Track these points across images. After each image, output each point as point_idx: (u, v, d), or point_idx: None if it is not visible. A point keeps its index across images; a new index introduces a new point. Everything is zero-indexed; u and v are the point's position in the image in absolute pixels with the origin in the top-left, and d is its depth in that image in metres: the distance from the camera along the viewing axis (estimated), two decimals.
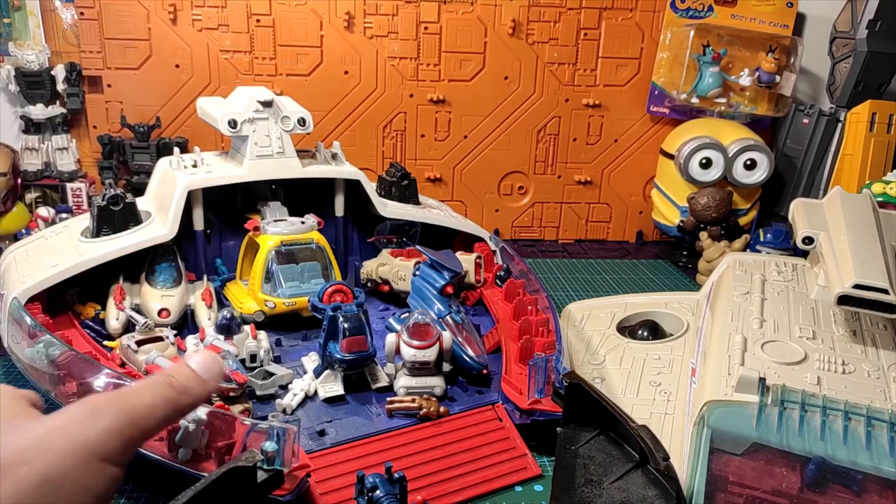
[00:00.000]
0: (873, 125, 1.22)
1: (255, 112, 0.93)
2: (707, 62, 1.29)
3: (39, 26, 1.23)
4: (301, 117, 0.95)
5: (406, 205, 1.05)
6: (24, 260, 0.88)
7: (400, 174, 1.06)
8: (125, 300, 0.87)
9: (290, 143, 0.95)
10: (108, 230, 0.87)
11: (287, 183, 1.00)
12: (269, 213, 0.97)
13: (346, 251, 1.06)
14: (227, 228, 1.00)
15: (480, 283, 0.98)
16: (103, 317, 0.87)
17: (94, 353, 0.78)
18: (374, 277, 1.00)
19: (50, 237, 0.92)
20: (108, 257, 0.84)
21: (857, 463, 0.56)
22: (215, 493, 0.48)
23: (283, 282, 0.90)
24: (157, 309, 0.86)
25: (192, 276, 0.95)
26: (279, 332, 0.89)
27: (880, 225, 0.85)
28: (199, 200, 0.93)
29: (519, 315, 0.87)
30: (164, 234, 0.87)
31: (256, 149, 0.92)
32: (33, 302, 0.80)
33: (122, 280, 0.90)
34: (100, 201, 0.87)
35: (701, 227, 1.24)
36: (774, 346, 0.72)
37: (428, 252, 0.89)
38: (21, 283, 0.81)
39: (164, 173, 0.95)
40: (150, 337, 0.79)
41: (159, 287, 0.88)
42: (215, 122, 0.93)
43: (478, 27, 1.30)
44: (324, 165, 0.98)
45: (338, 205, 1.03)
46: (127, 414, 0.38)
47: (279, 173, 0.94)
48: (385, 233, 1.05)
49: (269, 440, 0.54)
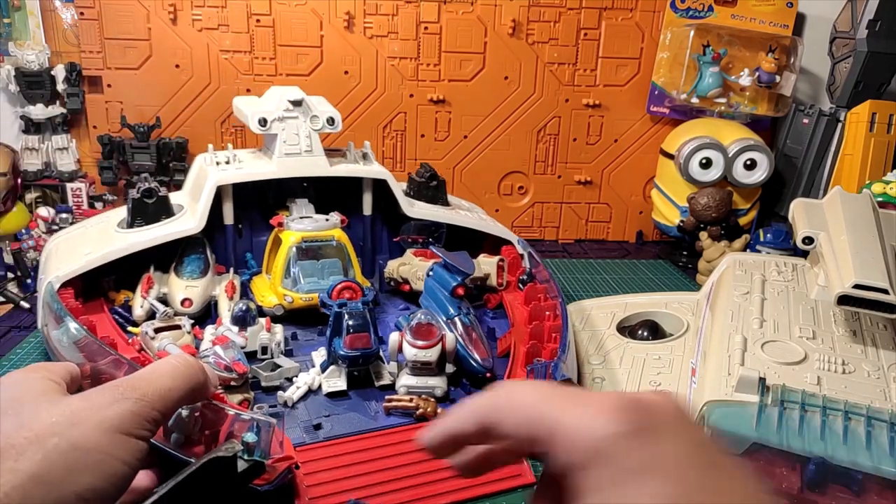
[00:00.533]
0: (873, 125, 1.22)
1: (285, 111, 0.95)
2: (707, 62, 1.29)
3: (39, 26, 1.23)
4: (330, 116, 0.97)
5: (433, 205, 1.05)
6: (64, 248, 0.94)
7: (429, 175, 1.06)
8: (152, 289, 0.90)
9: (318, 141, 0.96)
10: (142, 221, 0.92)
11: (317, 181, 1.01)
12: (296, 209, 0.98)
13: (373, 250, 1.07)
14: (259, 224, 1.03)
15: (502, 287, 0.98)
16: (132, 304, 0.90)
17: (113, 338, 0.80)
18: (396, 277, 1.00)
19: (90, 227, 0.98)
20: (136, 247, 0.88)
21: (857, 463, 0.56)
22: (198, 481, 0.49)
23: (301, 277, 0.92)
24: (180, 298, 0.89)
25: (222, 269, 0.98)
26: (297, 327, 0.91)
27: (880, 225, 0.85)
28: (229, 195, 0.96)
29: (533, 320, 0.86)
30: (192, 226, 0.91)
31: (285, 147, 0.94)
32: (67, 287, 0.84)
33: (152, 270, 0.93)
34: (134, 194, 0.92)
35: (701, 227, 1.23)
36: (774, 346, 0.72)
37: (442, 253, 0.90)
38: (57, 269, 0.86)
39: (200, 169, 0.98)
40: (169, 325, 0.82)
41: (185, 278, 0.91)
42: (247, 120, 0.95)
43: (478, 27, 1.30)
44: (352, 164, 0.99)
45: (366, 203, 1.04)
46: (148, 400, 0.42)
47: (306, 171, 0.95)
48: (409, 233, 1.05)
49: (250, 431, 0.55)
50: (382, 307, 1.00)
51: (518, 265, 1.03)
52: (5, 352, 0.89)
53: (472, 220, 1.05)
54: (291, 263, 0.92)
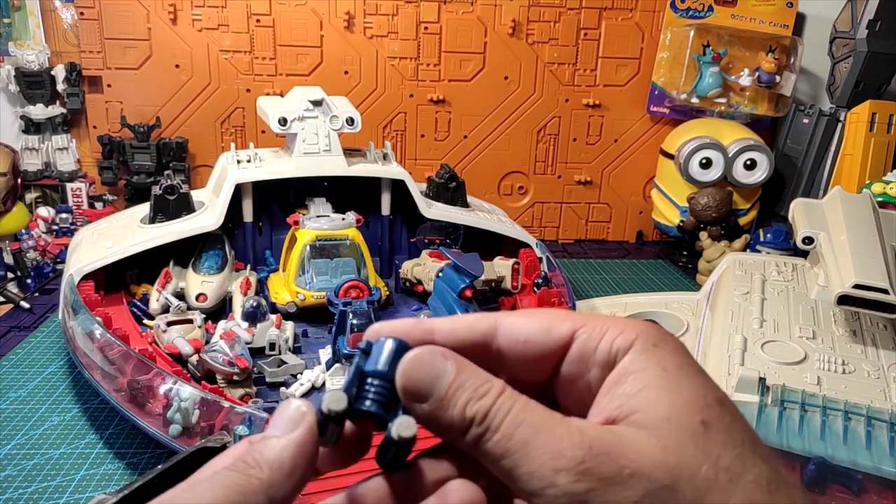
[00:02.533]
0: (873, 125, 1.22)
1: (306, 111, 0.96)
2: (707, 62, 1.29)
3: (39, 26, 1.23)
4: (350, 117, 0.97)
5: (452, 207, 1.05)
6: (88, 241, 0.95)
7: (448, 176, 1.06)
8: (169, 283, 0.91)
9: (337, 141, 0.97)
10: (163, 217, 0.94)
11: (337, 180, 1.02)
12: (314, 208, 0.99)
13: (391, 250, 1.07)
14: (279, 222, 1.04)
15: (517, 290, 0.98)
16: (150, 297, 0.92)
17: (127, 330, 0.80)
18: (410, 277, 1.00)
19: (115, 222, 1.01)
20: (155, 242, 0.90)
21: (857, 463, 0.56)
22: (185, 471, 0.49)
23: (314, 275, 0.93)
24: (195, 293, 0.90)
25: (241, 266, 1.00)
26: (309, 324, 0.91)
27: (880, 225, 0.85)
28: (248, 194, 0.98)
29: None
30: (210, 223, 0.93)
31: (304, 146, 0.95)
32: (88, 280, 0.85)
33: (171, 265, 0.95)
34: (157, 191, 0.93)
35: (701, 227, 1.23)
36: (774, 346, 0.72)
37: (451, 254, 0.90)
38: (79, 262, 0.88)
39: (222, 167, 1.00)
40: (181, 319, 0.84)
41: (202, 273, 0.93)
42: (268, 120, 0.97)
43: (478, 27, 1.30)
44: (371, 164, 1.00)
45: (384, 204, 1.05)
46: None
47: (325, 171, 0.96)
48: (426, 234, 1.06)
49: (242, 424, 0.55)
50: (396, 307, 1.00)
51: (536, 268, 1.02)
52: (5, 352, 0.89)
53: (490, 222, 1.05)
54: (305, 261, 0.93)
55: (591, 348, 0.26)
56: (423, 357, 0.25)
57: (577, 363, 0.27)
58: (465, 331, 0.27)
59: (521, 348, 0.27)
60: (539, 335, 0.27)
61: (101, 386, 0.68)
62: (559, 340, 0.27)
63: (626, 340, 0.26)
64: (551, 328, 0.27)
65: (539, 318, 0.28)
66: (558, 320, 0.27)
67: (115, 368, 0.68)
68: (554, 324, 0.27)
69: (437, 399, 0.25)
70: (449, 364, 0.25)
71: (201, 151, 1.30)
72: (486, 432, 0.24)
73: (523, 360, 0.27)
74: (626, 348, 0.26)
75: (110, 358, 0.69)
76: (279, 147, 1.05)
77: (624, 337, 0.26)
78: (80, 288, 0.82)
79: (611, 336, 0.26)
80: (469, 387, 0.25)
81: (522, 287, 0.99)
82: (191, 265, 0.94)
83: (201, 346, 0.76)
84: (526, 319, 0.28)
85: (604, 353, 0.26)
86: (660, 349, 0.25)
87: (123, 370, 0.67)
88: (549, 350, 0.27)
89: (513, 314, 0.28)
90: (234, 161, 0.98)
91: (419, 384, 0.25)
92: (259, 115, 1.05)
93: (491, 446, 0.24)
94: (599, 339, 0.26)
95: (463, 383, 0.25)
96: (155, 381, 0.64)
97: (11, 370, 0.84)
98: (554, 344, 0.27)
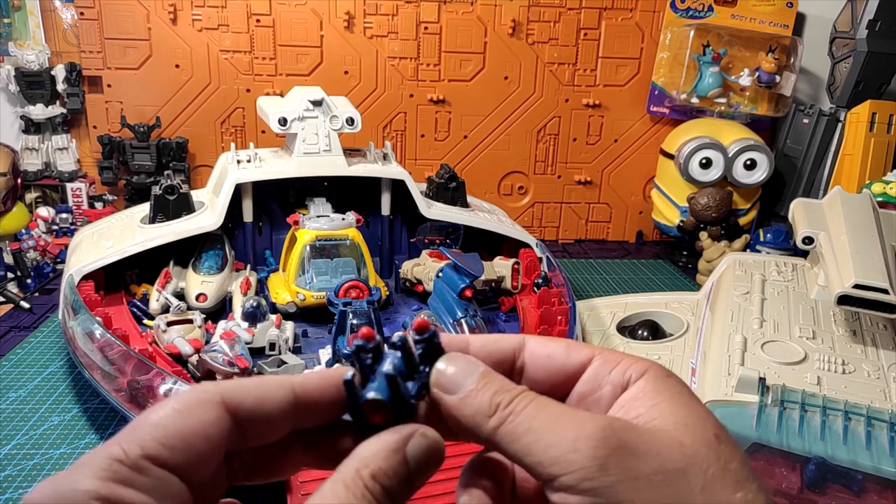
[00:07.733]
0: (873, 125, 1.22)
1: (306, 111, 0.96)
2: (707, 62, 1.29)
3: (39, 26, 1.23)
4: (349, 117, 0.97)
5: (452, 207, 1.05)
6: (88, 241, 0.95)
7: (448, 176, 1.06)
8: (169, 283, 0.91)
9: (337, 141, 0.97)
10: (163, 217, 0.94)
11: (337, 180, 1.02)
12: (314, 208, 0.99)
13: (391, 250, 1.07)
14: (279, 222, 1.04)
15: (517, 290, 0.98)
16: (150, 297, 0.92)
17: (126, 330, 0.80)
18: (410, 277, 1.00)
19: (115, 222, 1.00)
20: (155, 242, 0.90)
21: (857, 463, 0.56)
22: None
23: (314, 275, 0.92)
24: (195, 293, 0.90)
25: (241, 266, 0.99)
26: (309, 324, 0.91)
27: (880, 225, 0.85)
28: (248, 194, 0.98)
29: (543, 324, 0.86)
30: (210, 223, 0.92)
31: (304, 146, 0.95)
32: (88, 280, 0.85)
33: (171, 265, 0.94)
34: (157, 191, 0.94)
35: (701, 227, 1.23)
36: (774, 346, 0.72)
37: (451, 254, 0.90)
38: (79, 261, 0.88)
39: (222, 167, 1.00)
40: (181, 319, 0.84)
41: (202, 273, 0.93)
42: (268, 120, 0.96)
43: (478, 27, 1.30)
44: (371, 164, 1.00)
45: (384, 204, 1.04)
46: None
47: (325, 171, 0.96)
48: (426, 234, 1.06)
49: None
50: (396, 307, 1.00)
51: (536, 268, 1.02)
52: (5, 352, 0.89)
53: (490, 222, 1.05)
54: (305, 261, 0.93)
55: (605, 371, 0.29)
56: (459, 356, 0.29)
57: (590, 383, 0.30)
58: (494, 346, 0.31)
59: (544, 361, 0.30)
60: (561, 353, 0.30)
61: (101, 386, 0.68)
62: (577, 362, 0.30)
63: (638, 370, 0.29)
64: (571, 351, 0.30)
65: (561, 341, 0.31)
66: (578, 346, 0.31)
67: (115, 368, 0.68)
68: (574, 347, 0.31)
69: (467, 390, 0.28)
70: (481, 365, 0.29)
71: (201, 151, 1.30)
72: (510, 415, 0.27)
73: (544, 373, 0.30)
74: (640, 376, 0.29)
75: (110, 358, 0.69)
76: (279, 147, 1.05)
77: (637, 367, 0.29)
78: (80, 288, 0.82)
79: (625, 365, 0.29)
80: (497, 382, 0.28)
81: (522, 287, 0.99)
82: (191, 265, 0.94)
83: (201, 346, 0.76)
84: (550, 340, 0.31)
85: (618, 375, 0.29)
86: (671, 380, 0.29)
87: (123, 370, 0.67)
88: (567, 368, 0.30)
89: (538, 337, 0.32)
90: (234, 161, 0.98)
91: (455, 376, 0.28)
92: (259, 115, 1.05)
93: (514, 426, 0.26)
94: (614, 365, 0.29)
95: (492, 380, 0.28)
96: (155, 381, 0.64)
97: (11, 370, 0.84)
98: (572, 364, 0.30)
